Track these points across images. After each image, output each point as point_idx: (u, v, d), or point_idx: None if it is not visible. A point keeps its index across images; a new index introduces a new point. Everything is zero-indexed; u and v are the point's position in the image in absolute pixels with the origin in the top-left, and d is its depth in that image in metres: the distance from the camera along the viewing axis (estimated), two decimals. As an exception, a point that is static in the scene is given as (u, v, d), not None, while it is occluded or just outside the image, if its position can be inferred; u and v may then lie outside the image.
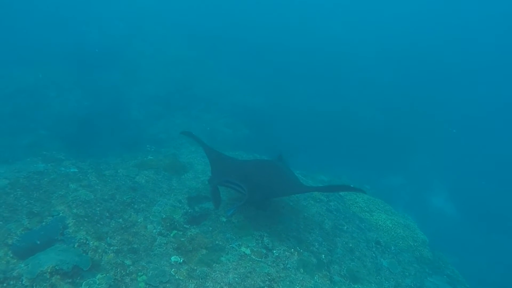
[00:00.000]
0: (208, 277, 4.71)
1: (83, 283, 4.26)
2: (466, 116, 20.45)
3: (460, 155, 17.21)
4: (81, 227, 5.03)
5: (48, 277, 4.12)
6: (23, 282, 4.02)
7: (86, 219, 5.20)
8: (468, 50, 26.76)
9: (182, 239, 5.27)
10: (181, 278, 4.62)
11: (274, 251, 5.48)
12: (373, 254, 6.65)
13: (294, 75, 19.44)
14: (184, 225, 5.57)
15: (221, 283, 4.67)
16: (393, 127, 16.39)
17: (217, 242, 5.35)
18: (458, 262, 9.16)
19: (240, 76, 17.92)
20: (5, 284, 3.97)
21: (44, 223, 4.96)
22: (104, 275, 4.43)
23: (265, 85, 17.46)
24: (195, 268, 4.83)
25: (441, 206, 14.04)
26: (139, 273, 4.55)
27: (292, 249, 5.66)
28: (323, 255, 5.92)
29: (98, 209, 5.49)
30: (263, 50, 21.80)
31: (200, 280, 4.64)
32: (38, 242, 4.57)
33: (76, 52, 15.72)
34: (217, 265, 4.96)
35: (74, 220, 5.11)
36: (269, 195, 5.76)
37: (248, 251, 5.32)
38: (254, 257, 5.25)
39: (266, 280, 4.93)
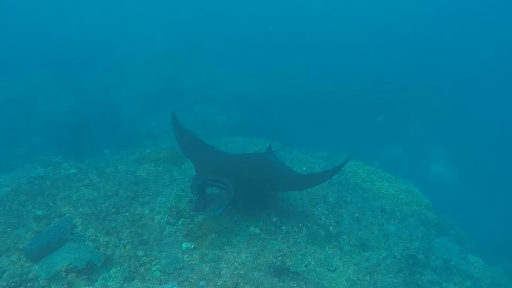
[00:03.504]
0: (221, 259, 4.77)
1: (99, 278, 4.30)
2: (459, 80, 20.54)
3: (455, 121, 17.34)
4: (89, 225, 5.05)
5: (63, 275, 4.16)
6: (40, 283, 4.06)
7: (93, 217, 5.22)
8: (456, 15, 26.75)
9: (191, 225, 5.31)
10: (194, 263, 4.68)
11: (283, 228, 5.55)
12: (380, 222, 6.73)
13: (281, 58, 19.38)
14: (191, 212, 5.60)
15: (235, 263, 4.73)
16: (386, 99, 16.45)
17: (225, 225, 5.40)
18: (462, 224, 9.31)
19: (228, 64, 17.86)
20: (22, 287, 4.00)
21: (52, 224, 4.98)
22: (119, 268, 4.48)
23: (253, 71, 17.42)
24: (207, 252, 4.88)
25: (441, 172, 14.18)
26: (152, 263, 4.60)
27: (300, 224, 5.73)
28: (331, 227, 5.99)
29: (104, 205, 5.50)
30: (249, 37, 21.68)
31: (214, 263, 4.70)
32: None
33: (59, 57, 15.58)
34: (228, 247, 5.02)
35: (82, 219, 5.13)
36: (257, 191, 5.39)
37: (257, 230, 5.38)
38: (264, 235, 5.32)
39: (279, 256, 5.01)
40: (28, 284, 4.03)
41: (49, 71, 14.12)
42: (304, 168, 7.83)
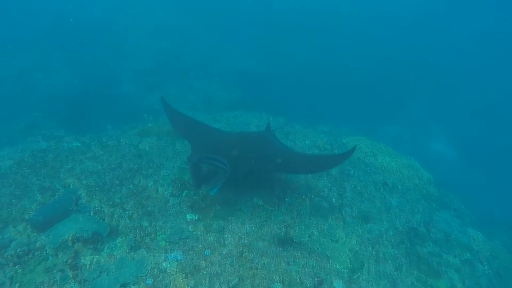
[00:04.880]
0: (225, 230, 4.82)
1: (105, 248, 4.35)
2: (460, 59, 20.37)
3: (455, 99, 17.28)
4: (94, 196, 5.08)
5: (70, 245, 4.20)
6: (47, 251, 4.11)
7: (97, 188, 5.24)
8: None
9: (195, 197, 5.33)
10: (199, 233, 4.72)
11: (286, 199, 5.59)
12: (382, 195, 6.77)
13: (284, 35, 19.08)
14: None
15: (239, 233, 4.78)
16: (388, 78, 16.32)
17: (229, 197, 5.42)
18: (462, 200, 9.38)
19: (229, 40, 17.57)
20: (30, 256, 4.05)
21: (57, 196, 5.00)
22: (124, 238, 4.52)
23: (255, 47, 17.15)
24: (211, 222, 4.92)
25: (441, 150, 14.21)
26: (158, 233, 4.64)
27: (303, 196, 5.77)
28: (334, 199, 6.03)
29: (108, 178, 5.51)
30: (250, 12, 21.24)
31: (218, 233, 4.75)
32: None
33: (58, 32, 15.29)
34: (232, 217, 5.06)
35: (86, 191, 5.15)
36: (254, 170, 5.15)
37: (260, 202, 5.42)
38: (267, 207, 5.35)
39: (282, 227, 5.06)
40: (36, 253, 4.08)
41: (47, 47, 13.88)
42: (306, 142, 7.81)
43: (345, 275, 4.70)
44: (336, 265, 4.78)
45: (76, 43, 14.60)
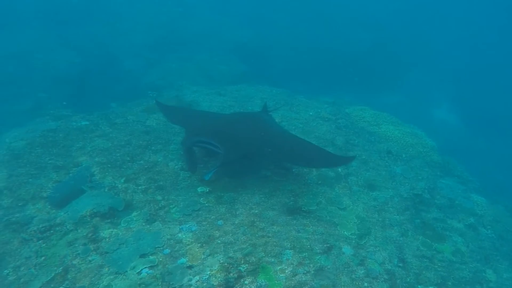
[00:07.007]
0: (236, 201, 4.98)
1: (121, 221, 4.51)
2: (460, 25, 20.11)
3: (457, 66, 17.16)
4: (107, 173, 5.22)
5: (89, 219, 4.37)
6: (68, 227, 4.28)
7: (109, 165, 5.37)
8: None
9: (204, 170, 5.47)
10: (211, 205, 4.88)
11: (293, 170, 5.73)
12: (386, 163, 6.91)
13: (282, 7, 18.81)
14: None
15: (250, 204, 4.94)
16: (388, 48, 16.21)
17: (237, 169, 5.55)
18: (466, 166, 9.49)
19: (225, 12, 17.36)
20: (52, 231, 4.23)
21: (71, 174, 5.14)
22: (139, 212, 4.68)
23: (251, 19, 16.98)
24: (222, 194, 5.07)
25: (444, 118, 14.25)
26: (171, 206, 4.80)
27: (310, 166, 5.91)
28: (340, 169, 6.17)
29: (118, 154, 5.65)
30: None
31: (230, 204, 4.90)
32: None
33: (52, 11, 15.06)
34: (242, 189, 5.21)
35: (99, 168, 5.29)
36: (250, 154, 4.98)
37: (268, 173, 5.57)
38: (275, 178, 5.51)
39: (291, 196, 5.22)
40: (57, 228, 4.26)
41: (44, 26, 13.72)
42: (310, 113, 7.90)
43: (353, 241, 4.89)
44: (344, 231, 4.96)
45: (70, 21, 14.43)
